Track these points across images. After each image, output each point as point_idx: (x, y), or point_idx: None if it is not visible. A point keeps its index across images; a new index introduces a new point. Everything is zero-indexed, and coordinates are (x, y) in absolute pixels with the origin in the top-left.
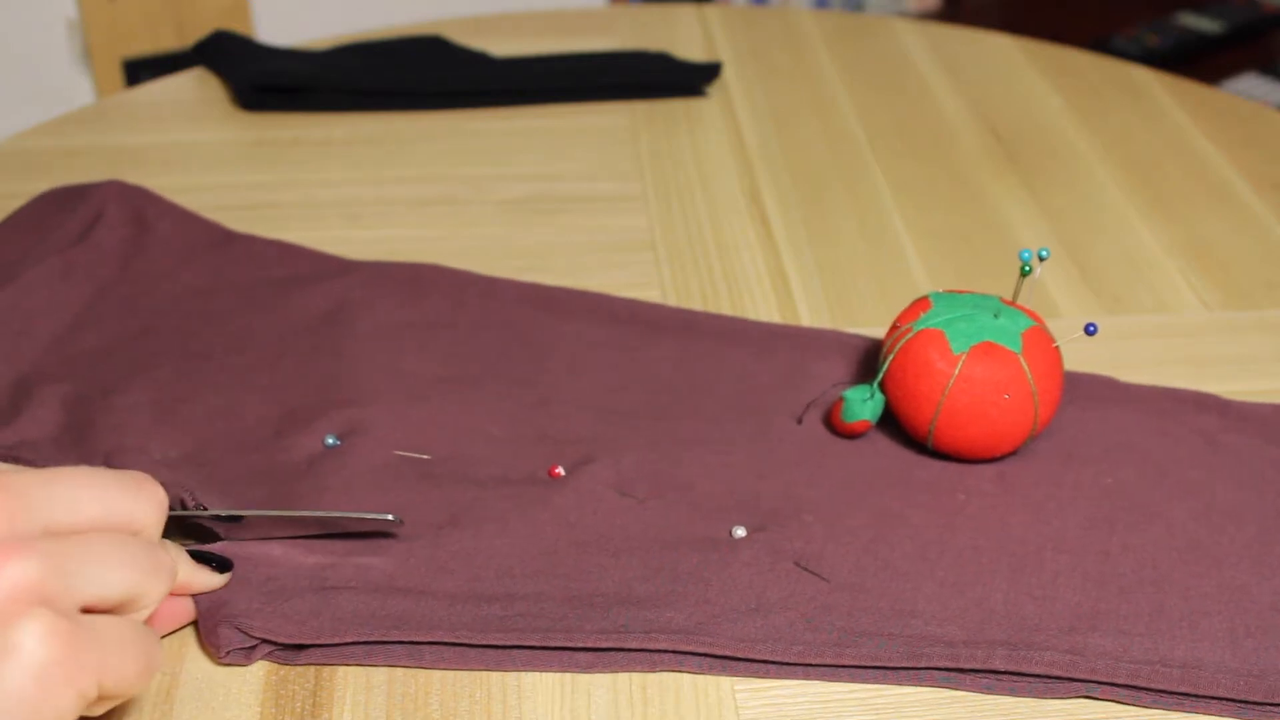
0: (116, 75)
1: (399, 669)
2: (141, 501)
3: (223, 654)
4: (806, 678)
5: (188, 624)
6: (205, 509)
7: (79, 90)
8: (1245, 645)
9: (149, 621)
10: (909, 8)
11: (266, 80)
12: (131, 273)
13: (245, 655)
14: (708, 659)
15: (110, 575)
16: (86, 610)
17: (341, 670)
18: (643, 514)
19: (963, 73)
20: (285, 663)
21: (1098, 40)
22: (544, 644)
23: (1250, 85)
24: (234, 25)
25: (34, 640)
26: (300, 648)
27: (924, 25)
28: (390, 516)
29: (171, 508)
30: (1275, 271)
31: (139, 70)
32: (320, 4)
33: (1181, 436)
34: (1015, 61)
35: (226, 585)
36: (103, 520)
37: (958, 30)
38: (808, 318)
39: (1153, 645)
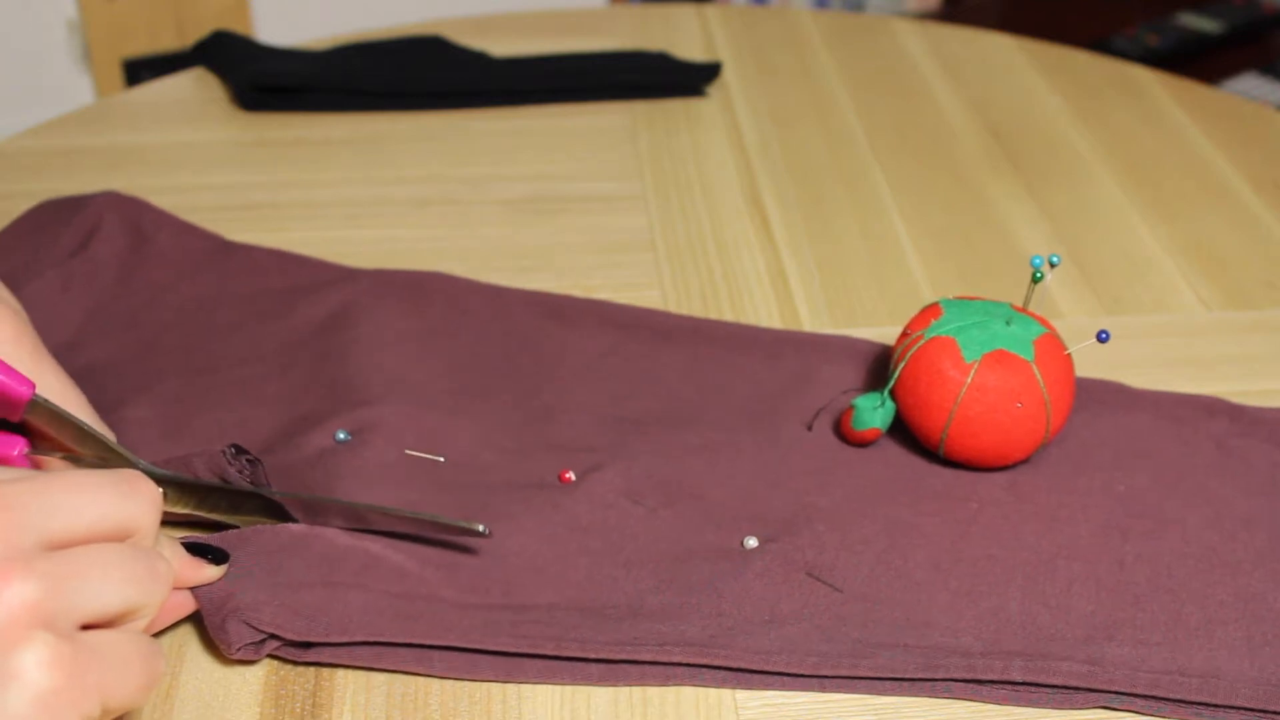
0: (116, 75)
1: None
2: (137, 502)
3: (233, 650)
4: (823, 689)
5: (185, 616)
6: (269, 486)
7: (79, 90)
8: (1263, 654)
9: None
10: (909, 8)
11: (266, 80)
12: (131, 285)
13: (254, 650)
14: (722, 672)
15: (109, 590)
16: (86, 626)
17: (341, 670)
18: (653, 523)
19: (962, 73)
20: (292, 659)
21: (1098, 40)
22: (557, 653)
23: (1250, 85)
24: (234, 25)
25: (36, 668)
26: (307, 645)
27: (924, 25)
28: (480, 528)
29: (242, 470)
30: (1275, 271)
31: (139, 70)
32: (320, 4)
33: (1192, 442)
34: (1015, 61)
35: (231, 577)
36: (99, 525)
37: (957, 30)
38: (807, 317)
39: (1170, 655)
